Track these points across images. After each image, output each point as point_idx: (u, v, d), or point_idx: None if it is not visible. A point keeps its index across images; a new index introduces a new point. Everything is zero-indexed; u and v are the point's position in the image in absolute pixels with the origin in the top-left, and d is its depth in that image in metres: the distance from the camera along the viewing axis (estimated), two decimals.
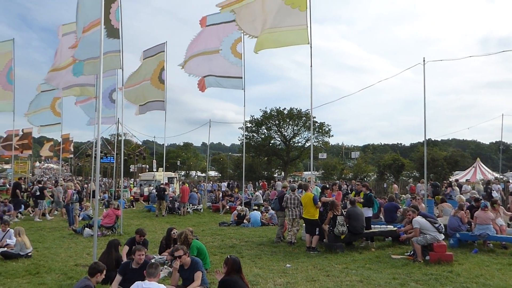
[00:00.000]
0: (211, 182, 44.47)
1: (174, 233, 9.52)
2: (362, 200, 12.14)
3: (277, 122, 57.93)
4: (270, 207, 17.47)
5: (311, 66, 13.28)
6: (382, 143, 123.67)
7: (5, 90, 18.99)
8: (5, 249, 10.18)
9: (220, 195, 25.46)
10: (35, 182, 27.83)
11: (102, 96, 19.25)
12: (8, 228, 11.12)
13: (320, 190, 13.15)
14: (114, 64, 12.12)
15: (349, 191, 21.30)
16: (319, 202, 11.28)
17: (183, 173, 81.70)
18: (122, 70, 14.40)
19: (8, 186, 36.68)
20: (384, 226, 12.71)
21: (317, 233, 11.05)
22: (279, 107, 57.62)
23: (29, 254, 10.08)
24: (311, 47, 12.89)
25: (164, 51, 18.61)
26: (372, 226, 12.11)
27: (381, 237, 12.43)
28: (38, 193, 18.86)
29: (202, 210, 23.07)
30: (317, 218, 11.17)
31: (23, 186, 23.41)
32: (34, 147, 50.65)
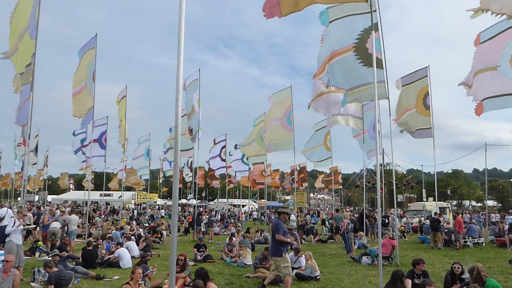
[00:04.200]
0: (493, 214, 39.14)
1: (457, 268, 8.80)
2: None
3: None
4: None
5: None
6: None
7: (286, 131, 21.95)
8: (298, 270, 11.48)
9: (506, 227, 22.13)
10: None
11: (368, 129, 20.05)
12: (301, 253, 12.69)
13: None
14: (380, 95, 12.39)
15: None
16: None
17: (454, 202, 75.11)
18: (389, 100, 14.63)
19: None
20: None
21: None
22: None
23: (318, 277, 11.06)
24: None
25: (427, 76, 18.08)
26: None
27: None
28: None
29: (484, 244, 20.50)
30: None
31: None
32: (308, 180, 56.07)
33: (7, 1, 11.61)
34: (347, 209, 34.83)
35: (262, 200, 61.60)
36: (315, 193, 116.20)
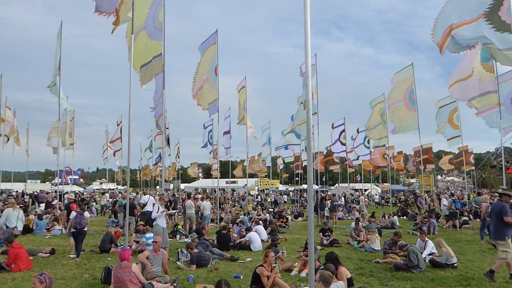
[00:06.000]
0: None
1: None
2: None
3: None
4: None
5: None
6: None
7: (409, 110, 20.81)
8: (432, 256, 10.92)
9: None
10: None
11: (503, 101, 17.98)
12: (427, 239, 12.09)
13: None
14: None
15: None
16: None
17: None
18: None
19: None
20: None
21: None
22: None
23: (455, 264, 10.39)
24: None
25: None
26: None
27: None
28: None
29: None
30: None
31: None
32: (435, 162, 52.40)
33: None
34: (487, 192, 31.82)
35: (385, 184, 59.47)
36: (443, 175, 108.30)
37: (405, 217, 26.16)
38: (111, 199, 33.04)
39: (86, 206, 27.39)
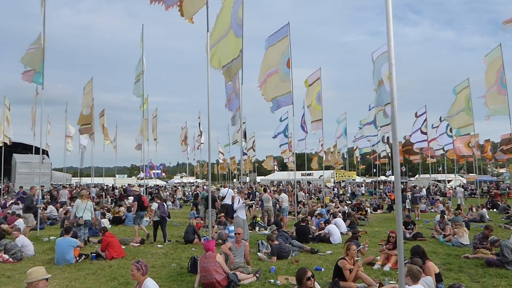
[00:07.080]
0: None
1: None
2: None
3: None
4: None
5: None
6: None
7: (499, 95, 19.32)
8: None
9: None
10: None
11: None
12: None
13: None
14: None
15: None
16: None
17: None
18: None
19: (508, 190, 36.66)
20: None
21: None
22: None
23: None
24: None
25: None
26: None
27: None
28: None
29: None
30: None
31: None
32: None
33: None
34: None
35: (470, 174, 55.80)
36: None
37: (495, 209, 24.40)
38: (192, 192, 34.54)
39: (172, 198, 29.03)
